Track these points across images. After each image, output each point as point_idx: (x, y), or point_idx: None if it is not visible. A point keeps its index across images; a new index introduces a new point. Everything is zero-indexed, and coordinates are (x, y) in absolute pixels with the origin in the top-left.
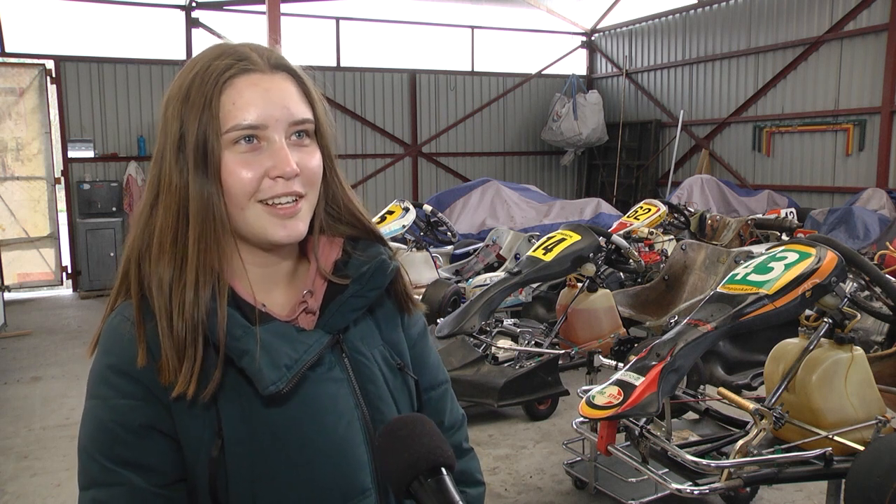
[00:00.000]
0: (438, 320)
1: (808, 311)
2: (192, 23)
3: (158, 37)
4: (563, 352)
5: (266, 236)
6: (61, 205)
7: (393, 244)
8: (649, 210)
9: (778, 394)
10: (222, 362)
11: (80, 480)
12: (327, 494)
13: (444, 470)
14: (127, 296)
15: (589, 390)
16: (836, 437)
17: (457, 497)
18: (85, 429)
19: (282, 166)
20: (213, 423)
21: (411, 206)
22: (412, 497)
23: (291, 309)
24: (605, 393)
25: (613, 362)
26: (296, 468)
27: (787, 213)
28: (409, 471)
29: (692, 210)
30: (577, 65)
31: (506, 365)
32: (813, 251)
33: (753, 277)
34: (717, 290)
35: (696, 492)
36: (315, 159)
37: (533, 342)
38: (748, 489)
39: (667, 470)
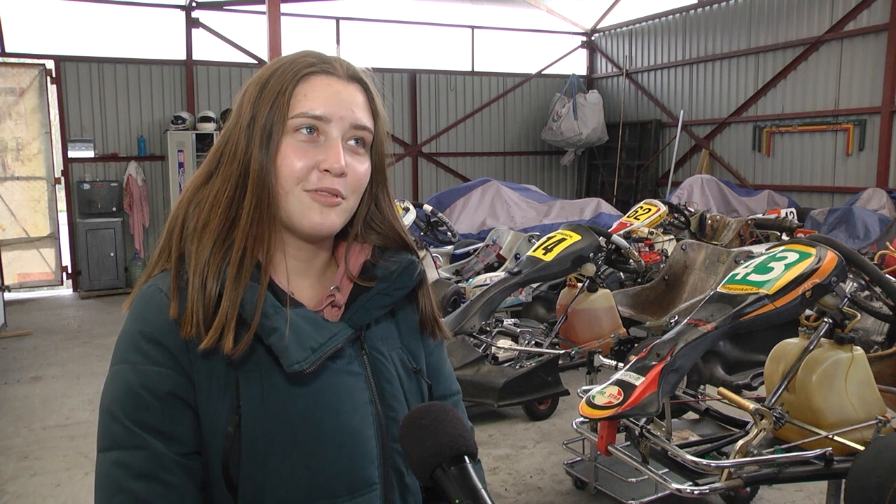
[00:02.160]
0: None
1: (808, 311)
2: (192, 23)
3: (158, 37)
4: (563, 352)
5: (302, 220)
6: (61, 205)
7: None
8: (649, 210)
9: (778, 394)
10: (252, 333)
11: (100, 443)
12: (334, 483)
13: (466, 458)
14: (167, 263)
15: (589, 390)
16: (836, 437)
17: (479, 485)
18: (111, 392)
19: (332, 161)
20: (232, 399)
21: (411, 206)
22: (435, 483)
23: (318, 302)
24: (605, 393)
25: (613, 362)
26: (307, 454)
27: (787, 213)
28: (433, 458)
29: (692, 210)
30: (577, 65)
31: (506, 365)
32: (813, 251)
33: (753, 277)
34: (717, 290)
35: (696, 492)
36: (364, 167)
37: (533, 342)
38: (748, 489)
39: (667, 470)
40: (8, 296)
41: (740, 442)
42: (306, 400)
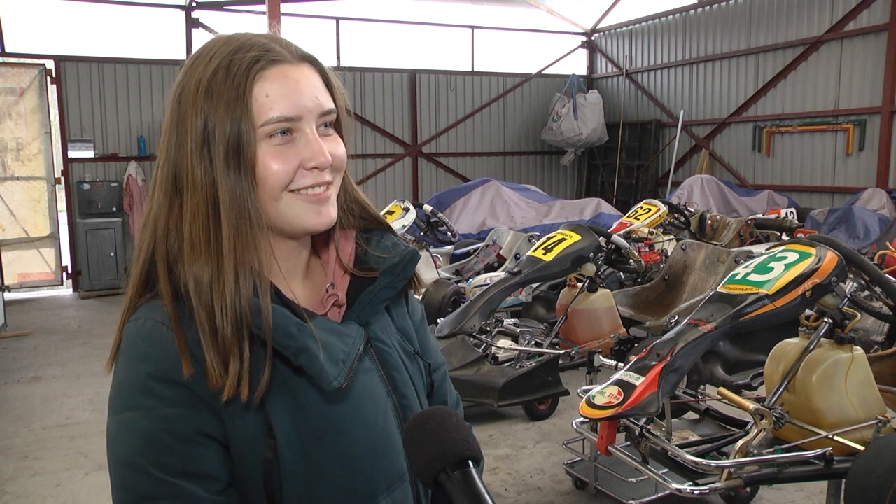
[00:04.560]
0: (438, 320)
1: (808, 311)
2: (192, 23)
3: (158, 37)
4: (563, 352)
5: (301, 224)
6: (61, 205)
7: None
8: (649, 210)
9: (778, 394)
10: (270, 360)
11: (123, 498)
12: (375, 482)
13: (470, 463)
14: (150, 293)
15: (589, 390)
16: (836, 437)
17: (483, 490)
18: (126, 444)
19: (318, 157)
20: (263, 424)
21: (411, 206)
22: (439, 488)
23: (317, 303)
24: (605, 393)
25: (613, 362)
26: (346, 461)
27: (787, 213)
28: (437, 463)
29: (692, 210)
30: (577, 65)
31: (506, 365)
32: (813, 251)
33: (753, 277)
34: (717, 290)
35: (696, 492)
36: (341, 147)
37: (533, 342)
38: (748, 489)
39: (667, 470)
40: (8, 296)
41: (740, 442)
42: (338, 410)
